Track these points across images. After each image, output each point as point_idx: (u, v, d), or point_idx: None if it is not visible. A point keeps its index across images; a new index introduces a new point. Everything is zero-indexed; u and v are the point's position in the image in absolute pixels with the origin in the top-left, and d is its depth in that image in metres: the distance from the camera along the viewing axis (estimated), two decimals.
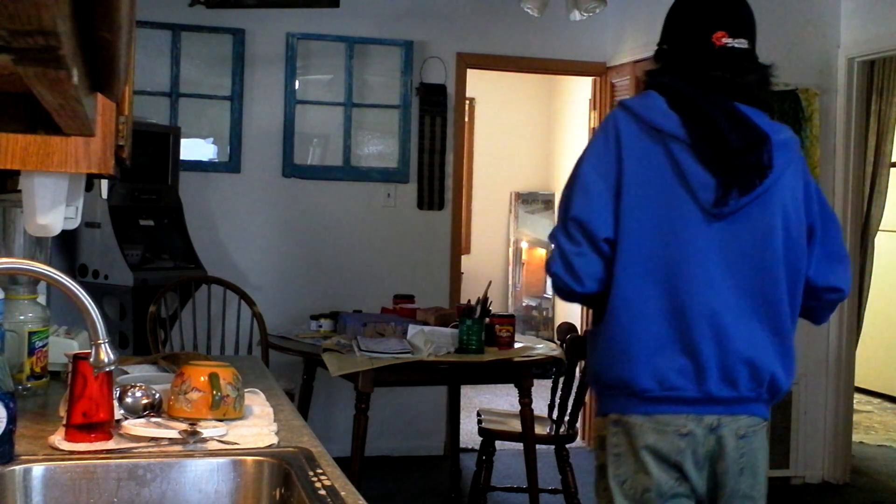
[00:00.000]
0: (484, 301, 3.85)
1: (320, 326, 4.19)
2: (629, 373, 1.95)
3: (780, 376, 2.00)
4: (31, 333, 2.13)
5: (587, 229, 1.95)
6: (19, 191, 1.58)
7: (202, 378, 1.85)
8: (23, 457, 1.60)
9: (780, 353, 2.00)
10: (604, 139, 1.99)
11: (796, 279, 2.01)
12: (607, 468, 2.02)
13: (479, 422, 4.23)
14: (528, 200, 8.32)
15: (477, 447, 4.36)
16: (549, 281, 2.33)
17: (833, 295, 2.10)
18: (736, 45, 2.00)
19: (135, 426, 1.76)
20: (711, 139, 1.94)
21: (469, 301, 4.01)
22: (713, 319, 1.94)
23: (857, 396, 5.64)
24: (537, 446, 4.01)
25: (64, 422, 1.73)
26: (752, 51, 2.04)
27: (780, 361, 2.00)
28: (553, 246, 2.02)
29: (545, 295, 8.21)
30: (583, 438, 5.70)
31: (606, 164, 1.96)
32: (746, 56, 2.02)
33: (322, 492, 1.49)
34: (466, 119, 6.72)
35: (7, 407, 1.55)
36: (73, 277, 2.43)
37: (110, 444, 1.69)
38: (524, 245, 8.30)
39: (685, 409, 1.95)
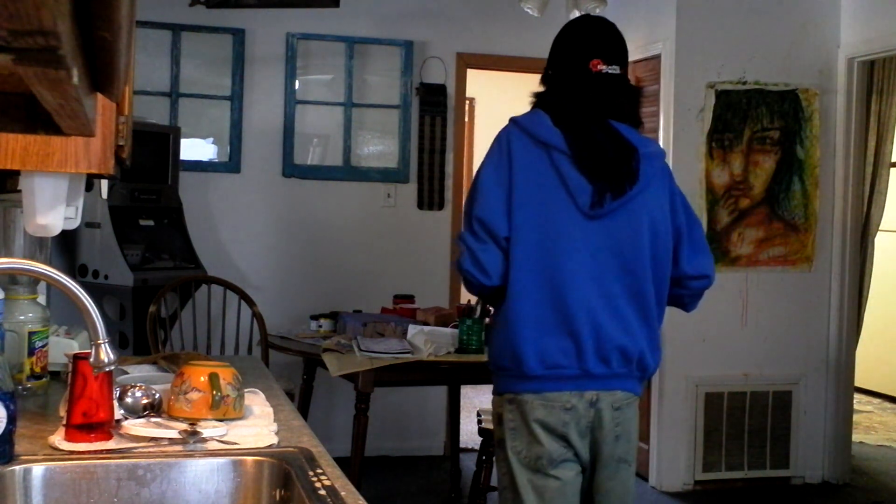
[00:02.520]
0: (485, 302, 3.85)
1: (320, 326, 4.19)
2: (520, 355, 2.23)
3: (647, 357, 2.32)
4: (31, 333, 2.13)
5: (489, 228, 2.24)
6: (19, 191, 1.58)
7: (202, 378, 1.85)
8: (23, 457, 1.60)
9: (648, 337, 2.31)
10: (498, 150, 2.30)
11: (662, 275, 2.33)
12: (506, 441, 2.31)
13: (479, 422, 4.23)
14: None
15: (477, 447, 4.35)
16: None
17: (701, 282, 2.41)
18: (609, 71, 2.33)
19: (135, 426, 1.76)
20: (589, 151, 2.26)
21: (469, 301, 4.00)
22: (589, 307, 2.24)
23: (857, 396, 5.65)
24: None
25: (64, 422, 1.73)
26: (624, 76, 2.37)
27: (648, 344, 2.31)
28: (461, 247, 2.30)
29: None
30: None
31: (501, 172, 2.26)
32: (619, 80, 2.35)
33: (322, 492, 1.49)
34: (466, 119, 6.71)
35: (7, 407, 1.55)
36: (73, 277, 2.43)
37: (110, 444, 1.69)
38: None
39: (568, 385, 2.26)
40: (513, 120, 2.36)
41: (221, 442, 1.74)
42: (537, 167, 2.25)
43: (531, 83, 8.76)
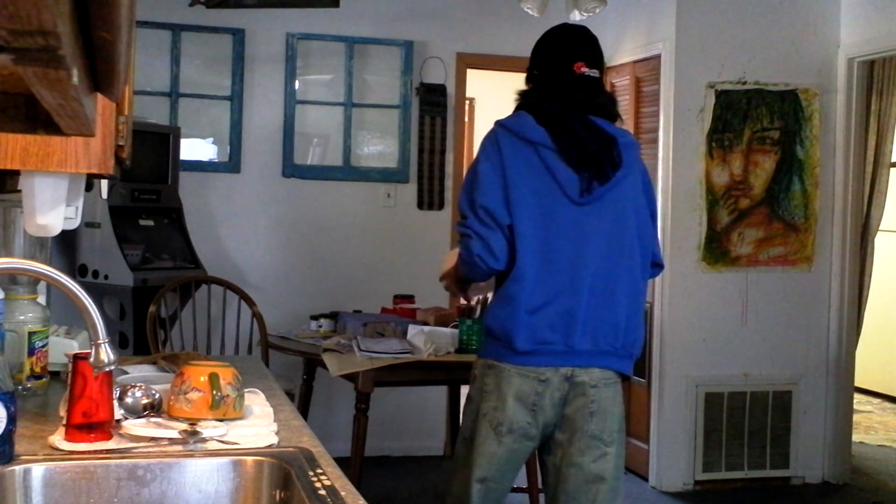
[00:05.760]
0: (484, 301, 3.85)
1: (320, 326, 4.19)
2: (511, 332, 2.38)
3: (632, 334, 2.46)
4: (31, 333, 2.13)
5: (494, 217, 2.40)
6: (19, 191, 1.58)
7: (202, 378, 1.85)
8: (23, 457, 1.60)
9: (635, 314, 2.47)
10: (491, 150, 2.46)
11: (645, 254, 2.50)
12: (479, 401, 2.47)
13: None
14: None
15: None
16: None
17: (657, 270, 2.60)
18: (591, 74, 2.54)
19: (135, 426, 1.76)
20: (573, 144, 2.43)
21: (469, 301, 4.00)
22: (581, 287, 2.39)
23: (857, 396, 5.64)
24: None
25: (64, 422, 1.73)
26: (601, 79, 2.60)
27: (634, 321, 2.46)
28: (468, 233, 2.43)
29: None
30: None
31: (496, 169, 2.42)
32: (598, 82, 2.57)
33: (322, 492, 1.49)
34: (466, 119, 6.71)
35: (7, 407, 1.55)
36: (73, 277, 2.43)
37: (110, 444, 1.69)
38: None
39: (549, 360, 2.39)
40: (498, 123, 2.52)
41: (221, 442, 1.74)
42: (527, 163, 2.42)
43: None
